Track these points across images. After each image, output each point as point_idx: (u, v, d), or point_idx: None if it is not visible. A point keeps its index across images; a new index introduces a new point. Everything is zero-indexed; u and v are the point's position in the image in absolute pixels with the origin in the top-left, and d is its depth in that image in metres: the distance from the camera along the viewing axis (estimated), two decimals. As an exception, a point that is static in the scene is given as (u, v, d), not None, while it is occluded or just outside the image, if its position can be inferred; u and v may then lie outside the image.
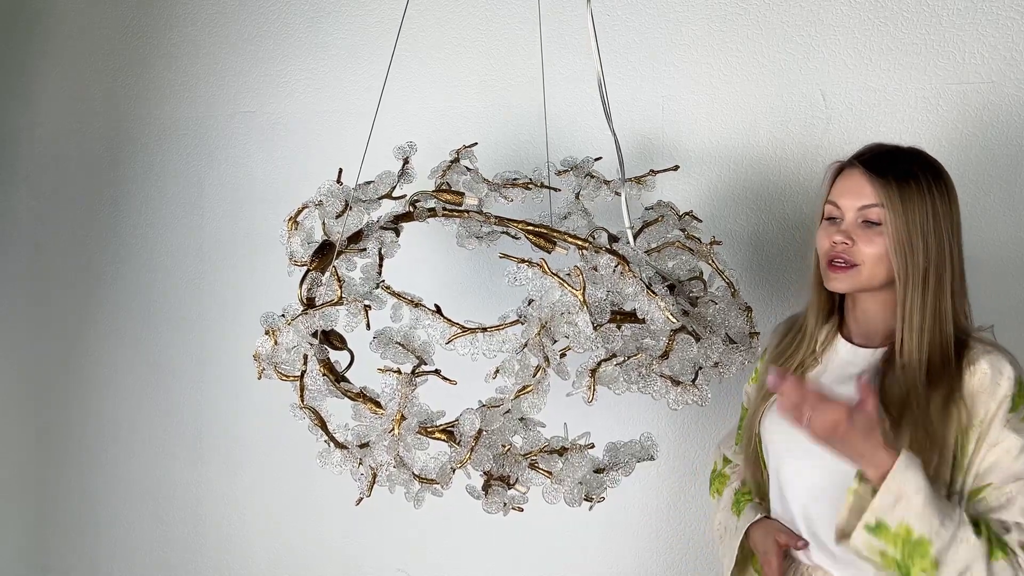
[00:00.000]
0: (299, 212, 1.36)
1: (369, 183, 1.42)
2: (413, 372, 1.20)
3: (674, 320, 1.22)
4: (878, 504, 1.11)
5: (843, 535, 1.14)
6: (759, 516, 1.43)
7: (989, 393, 1.20)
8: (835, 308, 1.39)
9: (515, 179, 1.54)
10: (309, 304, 1.27)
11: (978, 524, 1.14)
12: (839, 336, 1.38)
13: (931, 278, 1.24)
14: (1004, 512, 1.17)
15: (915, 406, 1.22)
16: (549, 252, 1.46)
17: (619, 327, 1.24)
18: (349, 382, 1.25)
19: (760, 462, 1.44)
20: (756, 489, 1.49)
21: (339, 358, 1.28)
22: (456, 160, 1.52)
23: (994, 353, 1.23)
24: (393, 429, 1.16)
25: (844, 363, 1.35)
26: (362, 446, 1.19)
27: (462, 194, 1.45)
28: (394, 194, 1.43)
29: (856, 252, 1.28)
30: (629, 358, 1.19)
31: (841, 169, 1.33)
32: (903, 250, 1.24)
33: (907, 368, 1.25)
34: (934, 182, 1.26)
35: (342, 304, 1.25)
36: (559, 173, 1.59)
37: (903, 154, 1.30)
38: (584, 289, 1.17)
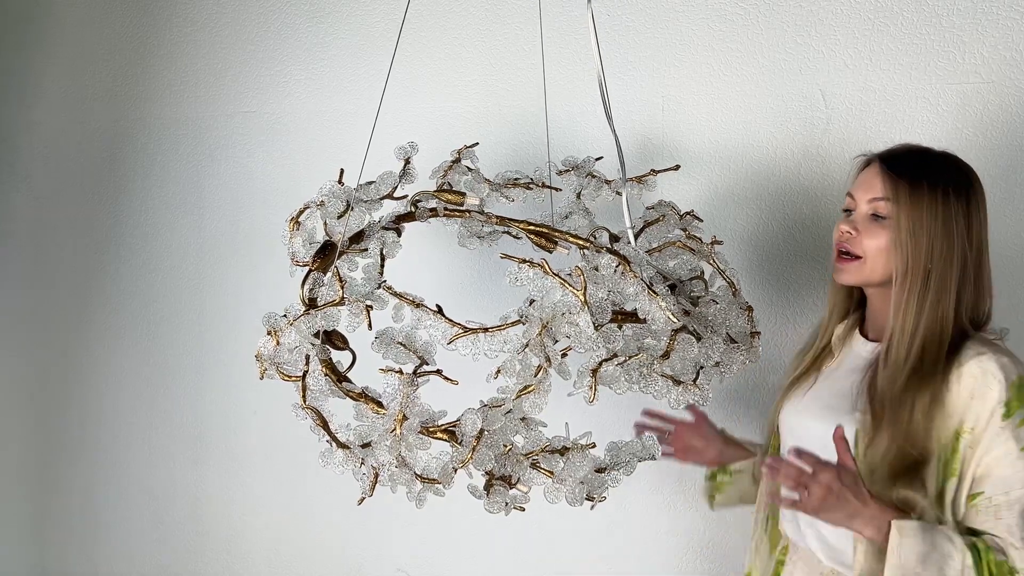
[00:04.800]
0: (301, 212, 1.36)
1: (371, 183, 1.41)
2: (415, 372, 1.20)
3: (675, 320, 1.21)
4: None
5: None
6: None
7: (979, 398, 1.18)
8: (854, 303, 1.42)
9: (516, 179, 1.54)
10: (311, 304, 1.27)
11: (977, 548, 1.15)
12: (856, 331, 1.40)
13: (933, 279, 1.24)
14: (992, 524, 1.17)
15: (896, 405, 1.22)
16: (550, 252, 1.46)
17: (620, 327, 1.23)
18: (351, 382, 1.25)
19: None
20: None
21: (341, 358, 1.28)
22: (457, 160, 1.52)
23: (986, 356, 1.20)
24: (395, 429, 1.16)
25: (855, 356, 1.37)
26: (364, 446, 1.19)
27: (463, 194, 1.45)
28: (395, 194, 1.43)
29: (858, 244, 1.29)
30: (630, 358, 1.19)
31: (867, 164, 1.35)
32: (904, 247, 1.25)
33: (893, 367, 1.25)
34: (953, 185, 1.25)
35: (344, 304, 1.25)
36: (560, 173, 1.59)
37: (929, 156, 1.31)
38: (585, 289, 1.17)
